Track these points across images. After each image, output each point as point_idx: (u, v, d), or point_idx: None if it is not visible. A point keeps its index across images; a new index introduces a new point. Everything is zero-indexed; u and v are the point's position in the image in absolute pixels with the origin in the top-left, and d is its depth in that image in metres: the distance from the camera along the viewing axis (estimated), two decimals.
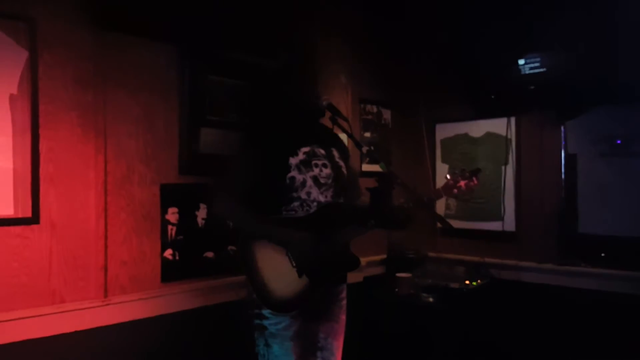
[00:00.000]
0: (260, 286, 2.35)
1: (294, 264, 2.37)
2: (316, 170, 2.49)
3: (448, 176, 2.60)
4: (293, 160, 2.45)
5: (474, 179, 2.57)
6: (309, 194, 2.46)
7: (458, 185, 2.56)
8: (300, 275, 2.37)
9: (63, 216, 2.61)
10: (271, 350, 2.40)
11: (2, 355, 2.38)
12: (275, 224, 2.42)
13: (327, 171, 2.52)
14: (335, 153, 2.63)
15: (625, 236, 3.38)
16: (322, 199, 2.48)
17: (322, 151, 2.56)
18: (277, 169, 2.43)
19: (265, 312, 2.39)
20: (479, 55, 3.88)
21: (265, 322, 2.40)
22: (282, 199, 2.44)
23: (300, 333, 2.46)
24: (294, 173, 2.44)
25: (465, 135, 4.32)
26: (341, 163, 2.62)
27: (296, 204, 2.45)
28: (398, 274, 3.83)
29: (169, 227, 3.00)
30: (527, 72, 3.63)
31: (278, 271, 2.36)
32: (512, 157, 4.00)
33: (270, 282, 2.35)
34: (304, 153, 2.49)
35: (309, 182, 2.46)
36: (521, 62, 3.65)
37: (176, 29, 2.98)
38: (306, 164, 2.48)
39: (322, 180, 2.49)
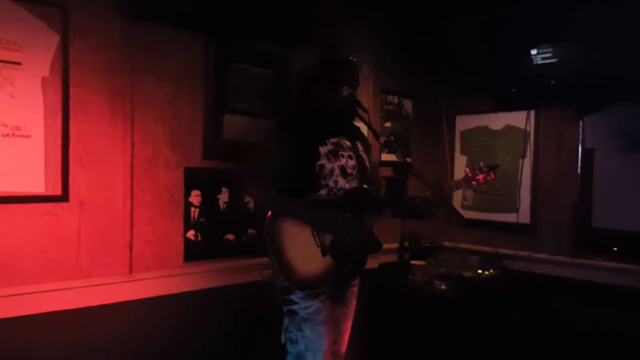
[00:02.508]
0: (284, 264, 2.43)
1: (319, 243, 2.47)
2: (343, 160, 2.59)
3: (467, 169, 2.71)
4: (322, 149, 2.55)
5: (492, 174, 2.69)
6: (336, 182, 2.55)
7: (477, 178, 2.68)
8: (324, 255, 2.46)
9: (91, 196, 2.72)
10: (304, 334, 2.47)
11: (33, 324, 2.51)
12: (305, 205, 2.50)
13: (352, 162, 2.62)
14: (360, 146, 2.73)
15: (638, 231, 3.40)
16: (348, 187, 2.58)
17: (348, 143, 2.66)
18: (308, 156, 2.52)
19: (294, 297, 2.49)
20: (500, 48, 3.91)
21: (295, 307, 2.49)
22: (311, 186, 2.53)
23: (330, 318, 2.57)
24: (323, 161, 2.53)
25: (485, 127, 4.34)
26: (364, 156, 2.72)
27: (324, 191, 2.54)
28: (412, 262, 3.91)
29: (192, 209, 3.10)
30: (539, 62, 3.66)
31: (302, 250, 2.45)
32: (530, 150, 4.02)
33: (293, 260, 2.43)
34: (332, 143, 2.60)
35: (337, 170, 2.56)
36: (533, 52, 3.68)
37: (203, 17, 3.05)
38: (334, 154, 2.57)
39: (348, 171, 2.59)
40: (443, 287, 3.64)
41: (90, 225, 2.71)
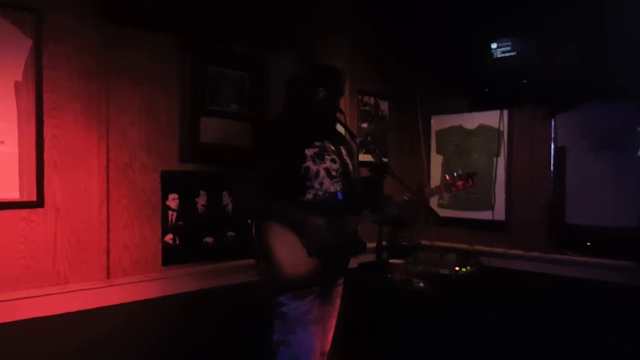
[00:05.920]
0: (272, 263, 2.47)
1: (305, 244, 2.51)
2: (327, 163, 2.63)
3: (447, 176, 2.79)
4: (308, 152, 2.59)
5: (470, 181, 2.77)
6: (321, 184, 2.59)
7: (456, 184, 2.76)
8: (310, 255, 2.51)
9: (67, 201, 2.70)
10: (296, 336, 2.51)
11: (9, 332, 2.47)
12: (292, 207, 2.54)
13: (336, 166, 2.66)
14: (343, 150, 2.77)
15: (610, 226, 3.47)
16: (333, 189, 2.61)
17: (332, 147, 2.71)
18: (294, 158, 2.56)
19: (283, 299, 2.52)
20: (473, 49, 3.96)
21: (285, 309, 2.52)
22: (298, 188, 2.57)
23: (320, 318, 2.62)
24: (309, 163, 2.57)
25: (460, 127, 4.40)
26: (348, 160, 2.76)
27: (310, 194, 2.58)
28: (391, 261, 3.94)
29: (170, 212, 3.10)
30: (499, 55, 3.73)
31: (289, 250, 2.50)
32: (503, 149, 4.08)
33: (281, 260, 2.48)
34: (317, 146, 2.64)
35: (322, 172, 2.59)
36: (494, 45, 3.74)
37: (178, 21, 3.04)
38: (320, 156, 2.61)
39: (332, 173, 2.63)
40: (421, 284, 3.69)
41: (66, 230, 2.69)
